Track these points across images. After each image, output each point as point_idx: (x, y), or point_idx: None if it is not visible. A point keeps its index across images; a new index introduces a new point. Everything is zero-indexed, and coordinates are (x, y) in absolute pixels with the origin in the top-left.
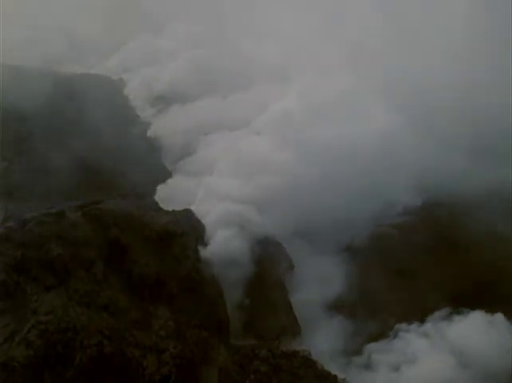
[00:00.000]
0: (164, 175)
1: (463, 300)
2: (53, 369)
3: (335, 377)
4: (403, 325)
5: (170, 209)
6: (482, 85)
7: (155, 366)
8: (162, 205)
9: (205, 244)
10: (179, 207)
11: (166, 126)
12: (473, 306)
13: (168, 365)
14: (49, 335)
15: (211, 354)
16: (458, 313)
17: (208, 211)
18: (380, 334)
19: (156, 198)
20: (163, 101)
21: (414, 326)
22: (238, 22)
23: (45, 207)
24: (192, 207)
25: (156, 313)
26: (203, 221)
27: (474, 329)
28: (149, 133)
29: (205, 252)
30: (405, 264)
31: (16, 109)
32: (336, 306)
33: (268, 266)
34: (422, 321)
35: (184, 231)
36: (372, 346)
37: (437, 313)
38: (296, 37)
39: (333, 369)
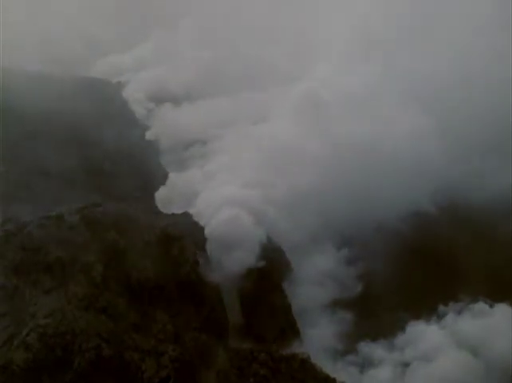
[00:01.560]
0: (163, 177)
1: (480, 294)
2: (51, 372)
3: (334, 380)
4: (412, 322)
5: (175, 204)
6: (498, 84)
7: (154, 369)
8: (170, 197)
9: (204, 247)
10: (183, 201)
11: (165, 128)
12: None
13: (167, 369)
14: (47, 338)
15: (210, 357)
16: (474, 306)
17: (208, 213)
18: (389, 331)
19: (163, 190)
20: (162, 103)
21: (424, 322)
22: (242, 22)
23: (44, 210)
24: (191, 210)
25: (155, 316)
26: (203, 220)
27: (493, 324)
28: (148, 136)
29: (204, 254)
30: (413, 263)
31: (15, 112)
32: (342, 304)
33: (267, 268)
34: (435, 316)
35: (183, 234)
36: (378, 344)
37: (452, 307)
38: (306, 36)
39: (337, 368)
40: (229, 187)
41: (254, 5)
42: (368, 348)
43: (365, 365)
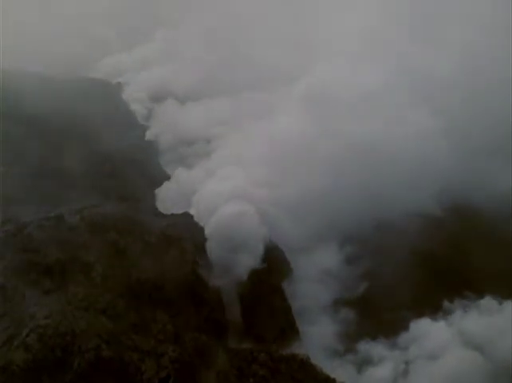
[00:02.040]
0: (163, 178)
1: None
2: (51, 372)
3: (334, 380)
4: (417, 319)
5: (178, 201)
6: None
7: (153, 370)
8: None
9: (203, 247)
10: (184, 200)
11: (165, 128)
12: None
13: (167, 369)
14: (47, 339)
15: (210, 358)
16: (481, 302)
17: (208, 211)
18: (392, 330)
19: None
20: (162, 104)
21: (429, 320)
22: (243, 23)
23: (43, 210)
24: (192, 209)
25: (155, 317)
26: (203, 218)
27: (502, 321)
28: (148, 136)
29: (204, 255)
30: (417, 262)
31: (15, 113)
32: (344, 303)
33: (267, 268)
34: (440, 314)
35: (183, 235)
36: (380, 343)
37: (458, 305)
38: (307, 36)
39: (338, 368)
40: (230, 185)
41: (256, 5)
42: (369, 347)
43: (367, 364)
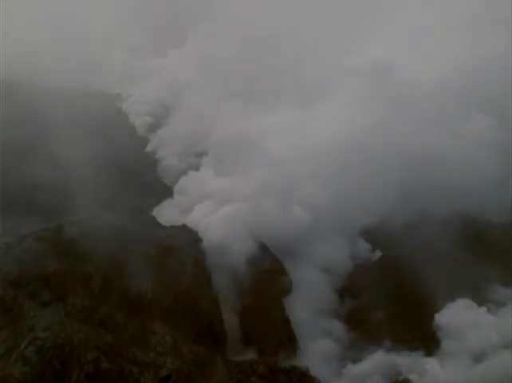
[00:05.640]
0: (162, 189)
1: None
2: None
3: None
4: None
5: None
6: None
7: (152, 382)
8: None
9: (202, 259)
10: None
11: (164, 141)
12: None
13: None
14: (45, 351)
15: (209, 370)
16: None
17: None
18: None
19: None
20: (162, 115)
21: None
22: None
23: (43, 222)
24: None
25: (154, 328)
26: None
27: None
28: (148, 148)
29: (203, 267)
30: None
31: (14, 125)
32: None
33: (266, 281)
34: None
35: (182, 246)
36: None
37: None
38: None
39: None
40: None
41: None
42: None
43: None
